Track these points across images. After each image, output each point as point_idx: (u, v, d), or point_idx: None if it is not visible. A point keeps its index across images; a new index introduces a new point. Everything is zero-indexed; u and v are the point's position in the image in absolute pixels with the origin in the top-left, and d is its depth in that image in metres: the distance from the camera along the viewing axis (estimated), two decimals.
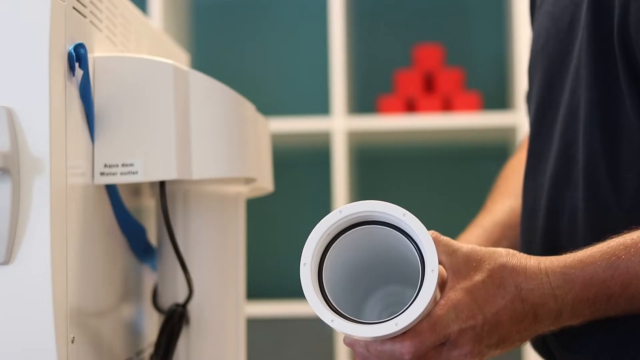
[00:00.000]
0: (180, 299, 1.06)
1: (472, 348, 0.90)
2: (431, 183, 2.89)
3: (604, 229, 0.99)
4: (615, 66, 1.01)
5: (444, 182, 2.90)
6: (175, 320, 1.03)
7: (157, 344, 1.02)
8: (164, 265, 1.08)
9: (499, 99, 2.86)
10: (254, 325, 2.47)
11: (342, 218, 0.92)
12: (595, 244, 0.95)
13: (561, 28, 1.10)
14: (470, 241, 1.23)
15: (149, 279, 1.14)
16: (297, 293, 0.93)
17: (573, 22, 1.07)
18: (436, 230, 0.93)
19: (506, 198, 1.29)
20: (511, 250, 0.95)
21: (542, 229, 1.10)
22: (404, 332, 0.89)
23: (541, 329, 0.94)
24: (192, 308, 1.07)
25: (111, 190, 0.99)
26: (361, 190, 2.85)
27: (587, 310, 0.94)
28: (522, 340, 0.94)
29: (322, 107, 2.83)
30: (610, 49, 1.01)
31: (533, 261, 0.94)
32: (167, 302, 1.07)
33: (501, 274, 0.91)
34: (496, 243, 1.22)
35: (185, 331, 1.06)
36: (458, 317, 0.89)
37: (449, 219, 2.95)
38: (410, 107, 2.64)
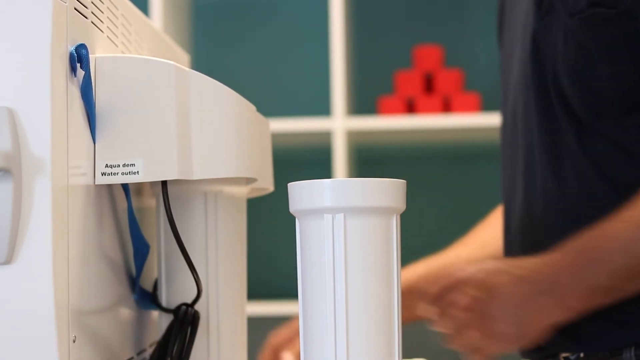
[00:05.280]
0: (186, 298, 1.05)
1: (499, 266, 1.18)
2: (431, 183, 2.89)
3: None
4: (554, 106, 1.27)
5: (443, 182, 2.90)
6: (188, 323, 1.02)
7: (170, 346, 1.01)
8: (168, 265, 1.08)
9: (498, 100, 2.85)
10: (254, 325, 2.47)
11: None
12: None
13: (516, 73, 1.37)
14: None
15: (151, 278, 1.14)
16: (297, 293, 0.94)
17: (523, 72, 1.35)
18: (435, 230, 0.93)
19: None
20: None
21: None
22: None
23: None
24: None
25: (126, 193, 1.00)
26: None
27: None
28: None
29: (322, 107, 2.83)
30: (549, 93, 1.29)
31: None
32: (173, 301, 1.07)
33: None
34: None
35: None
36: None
37: (448, 219, 2.95)
38: (410, 107, 2.64)
